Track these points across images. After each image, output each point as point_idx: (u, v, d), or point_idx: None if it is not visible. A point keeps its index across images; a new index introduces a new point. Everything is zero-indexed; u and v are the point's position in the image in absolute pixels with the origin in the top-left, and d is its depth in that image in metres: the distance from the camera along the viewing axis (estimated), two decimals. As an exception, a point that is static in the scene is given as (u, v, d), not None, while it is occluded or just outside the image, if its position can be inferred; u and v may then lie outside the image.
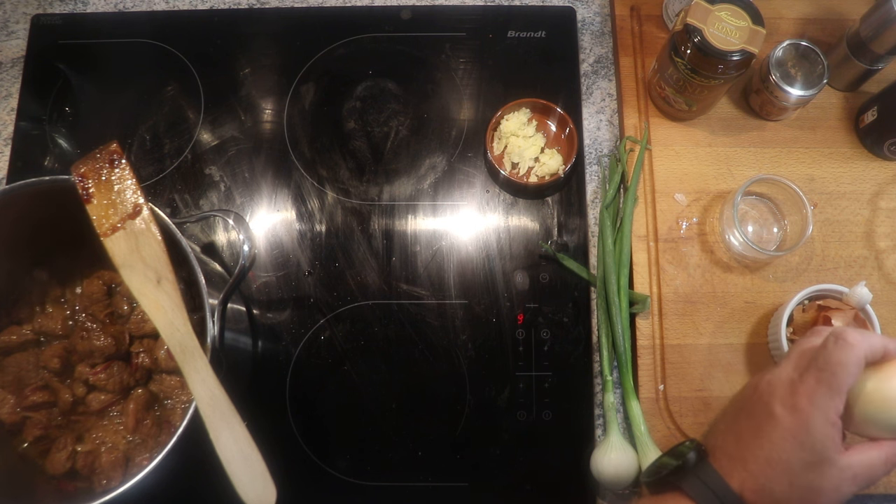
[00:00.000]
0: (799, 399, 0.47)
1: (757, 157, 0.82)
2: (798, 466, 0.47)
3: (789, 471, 0.47)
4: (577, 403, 0.77)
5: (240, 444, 0.58)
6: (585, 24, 0.91)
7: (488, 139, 0.82)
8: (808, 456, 0.46)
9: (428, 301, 0.80)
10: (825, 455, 0.46)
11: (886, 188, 0.81)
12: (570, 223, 0.82)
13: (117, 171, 0.64)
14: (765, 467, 0.47)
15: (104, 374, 0.69)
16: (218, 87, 0.88)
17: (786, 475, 0.47)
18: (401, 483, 0.75)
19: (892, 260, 0.79)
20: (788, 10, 0.88)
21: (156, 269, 0.62)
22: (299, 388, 0.77)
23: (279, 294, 0.80)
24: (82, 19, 0.91)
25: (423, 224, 0.83)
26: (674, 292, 0.78)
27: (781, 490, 0.47)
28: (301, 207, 0.83)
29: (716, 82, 0.73)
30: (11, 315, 0.72)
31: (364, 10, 0.91)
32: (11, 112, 0.87)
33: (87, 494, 0.62)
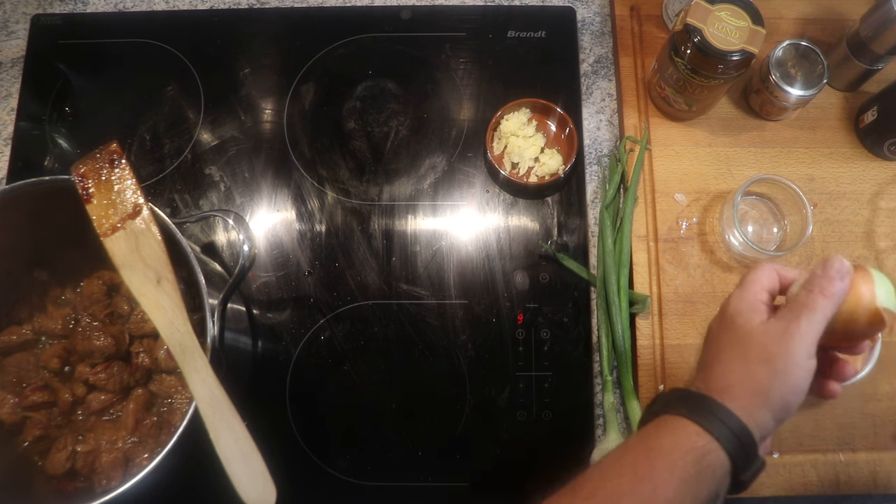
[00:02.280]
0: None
1: (757, 157, 0.82)
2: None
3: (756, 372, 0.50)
4: (577, 403, 0.77)
5: (240, 443, 0.58)
6: (585, 24, 0.91)
7: (488, 139, 0.82)
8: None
9: (428, 301, 0.80)
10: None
11: (886, 188, 0.81)
12: (570, 223, 0.82)
13: (117, 171, 0.64)
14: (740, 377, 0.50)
15: (104, 374, 0.69)
16: (218, 87, 0.88)
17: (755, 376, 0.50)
18: (401, 483, 0.75)
19: (892, 260, 0.79)
20: (788, 10, 0.88)
21: (156, 269, 0.62)
22: (299, 388, 0.77)
23: (279, 294, 0.80)
24: (82, 19, 0.91)
25: (423, 224, 0.83)
26: (674, 292, 0.78)
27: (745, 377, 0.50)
28: (301, 207, 0.83)
29: (716, 82, 0.73)
30: (11, 315, 0.72)
31: (364, 10, 0.91)
32: (11, 112, 0.87)
33: (87, 494, 0.62)
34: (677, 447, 0.47)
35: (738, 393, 0.49)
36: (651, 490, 0.46)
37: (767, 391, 0.49)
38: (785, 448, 0.73)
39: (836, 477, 0.72)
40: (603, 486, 0.47)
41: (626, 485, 0.47)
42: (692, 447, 0.47)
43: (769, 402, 0.49)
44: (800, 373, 0.49)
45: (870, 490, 0.72)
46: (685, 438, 0.47)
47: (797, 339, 0.49)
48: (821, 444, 0.73)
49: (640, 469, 0.47)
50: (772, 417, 0.49)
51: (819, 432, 0.73)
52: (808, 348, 0.49)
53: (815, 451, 0.73)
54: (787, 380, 0.49)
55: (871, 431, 0.73)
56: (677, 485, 0.45)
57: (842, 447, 0.73)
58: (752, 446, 0.48)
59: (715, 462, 0.47)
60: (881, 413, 0.74)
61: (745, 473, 0.48)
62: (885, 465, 0.72)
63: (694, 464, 0.46)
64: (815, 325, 0.49)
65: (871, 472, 0.72)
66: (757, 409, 0.48)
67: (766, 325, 0.50)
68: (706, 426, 0.47)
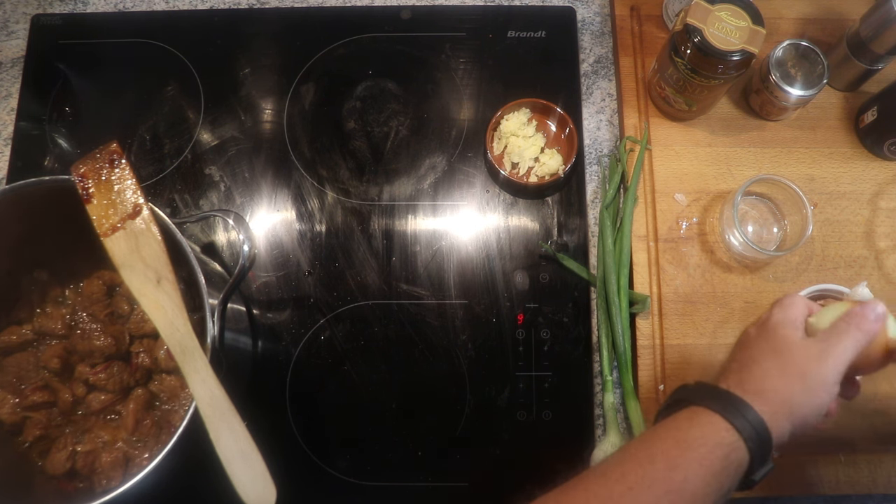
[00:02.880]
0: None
1: (757, 157, 0.82)
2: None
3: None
4: (577, 403, 0.77)
5: (240, 444, 0.58)
6: (585, 24, 0.91)
7: (488, 139, 0.82)
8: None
9: (428, 301, 0.80)
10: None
11: (886, 188, 0.81)
12: (570, 223, 0.82)
13: (117, 171, 0.64)
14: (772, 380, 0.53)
15: (104, 374, 0.69)
16: (218, 87, 0.88)
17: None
18: (401, 483, 0.75)
19: (892, 260, 0.79)
20: (788, 10, 0.87)
21: (156, 269, 0.62)
22: (299, 388, 0.77)
23: (279, 294, 0.80)
24: (82, 19, 0.91)
25: (423, 224, 0.83)
26: (674, 292, 0.78)
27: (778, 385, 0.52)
28: (301, 207, 0.83)
29: (716, 82, 0.73)
30: (11, 315, 0.72)
31: (364, 10, 0.91)
32: (11, 112, 0.87)
33: (87, 494, 0.62)
34: (708, 440, 0.49)
35: (769, 399, 0.51)
36: (682, 480, 0.47)
37: (795, 404, 0.51)
38: (785, 448, 0.73)
39: (836, 477, 0.72)
40: (634, 471, 0.49)
41: (659, 472, 0.48)
42: (721, 442, 0.49)
43: (793, 414, 0.51)
44: (824, 394, 0.52)
45: (870, 490, 0.72)
46: (715, 433, 0.49)
47: (831, 362, 0.52)
48: (821, 444, 0.73)
49: (672, 457, 0.49)
50: (790, 429, 0.51)
51: (819, 432, 0.73)
52: (838, 374, 0.52)
53: (815, 451, 0.73)
54: (813, 397, 0.51)
55: (871, 431, 0.73)
56: (705, 477, 0.47)
57: (842, 447, 0.73)
58: (769, 449, 0.50)
59: (739, 459, 0.49)
60: (881, 413, 0.73)
61: (757, 473, 0.50)
62: (885, 465, 0.72)
63: (722, 458, 0.48)
64: (848, 354, 0.52)
65: (871, 472, 0.72)
66: (782, 417, 0.51)
67: (806, 343, 0.54)
68: (736, 424, 0.49)
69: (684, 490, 0.47)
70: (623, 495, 0.47)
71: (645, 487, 0.47)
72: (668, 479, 0.47)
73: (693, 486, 0.47)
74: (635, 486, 0.47)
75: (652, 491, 0.47)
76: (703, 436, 0.49)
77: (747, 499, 0.73)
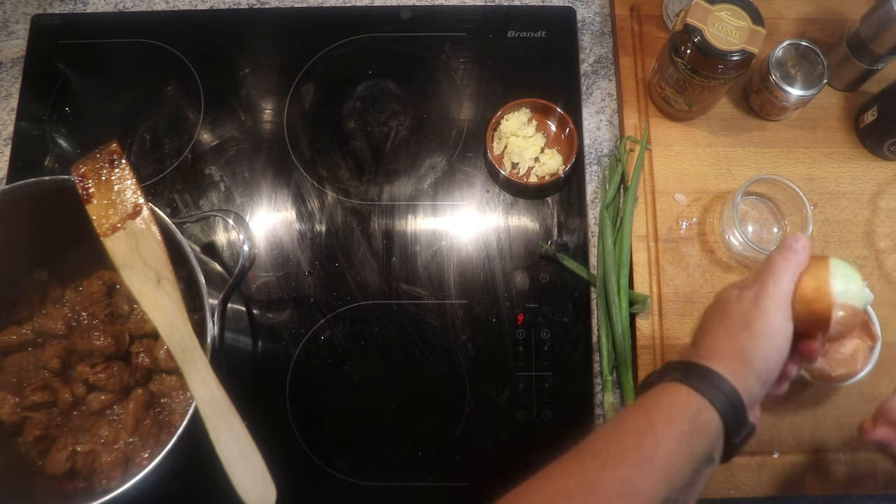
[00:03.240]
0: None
1: (757, 157, 0.82)
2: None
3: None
4: (577, 403, 0.77)
5: (240, 444, 0.58)
6: (585, 24, 0.91)
7: (488, 139, 0.82)
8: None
9: (428, 301, 0.80)
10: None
11: (886, 188, 0.81)
12: (570, 223, 0.82)
13: (117, 171, 0.64)
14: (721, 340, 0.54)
15: (104, 374, 0.69)
16: (218, 87, 0.88)
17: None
18: (401, 483, 0.75)
19: (892, 260, 0.79)
20: (788, 10, 0.88)
21: (156, 269, 0.62)
22: (299, 388, 0.77)
23: (279, 294, 0.80)
24: (82, 19, 0.91)
25: (423, 224, 0.83)
26: (674, 292, 0.78)
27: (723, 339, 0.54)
28: (301, 207, 0.83)
29: (716, 82, 0.73)
30: (11, 315, 0.72)
31: (364, 10, 0.91)
32: (11, 112, 0.87)
33: (87, 494, 0.62)
34: (673, 407, 0.50)
35: (723, 357, 0.52)
36: (652, 445, 0.48)
37: (749, 354, 0.51)
38: (785, 448, 0.73)
39: (836, 477, 0.72)
40: (607, 447, 0.49)
41: (629, 442, 0.49)
42: (685, 406, 0.49)
43: (752, 365, 0.51)
44: (777, 333, 0.52)
45: (870, 490, 0.72)
46: (678, 399, 0.50)
47: (768, 301, 0.52)
48: (821, 444, 0.73)
49: (641, 428, 0.49)
50: (757, 380, 0.51)
51: (819, 432, 0.73)
52: (781, 310, 0.52)
53: (815, 451, 0.73)
54: (766, 340, 0.52)
55: (871, 431, 0.73)
56: (676, 440, 0.48)
57: (842, 447, 0.73)
58: (742, 409, 0.50)
59: (708, 420, 0.49)
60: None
61: (737, 436, 0.50)
62: (884, 465, 0.72)
63: (689, 421, 0.49)
64: (782, 287, 0.52)
65: (871, 472, 0.72)
66: (742, 372, 0.51)
67: (740, 294, 0.54)
68: (697, 387, 0.50)
69: (656, 456, 0.47)
70: (598, 472, 0.48)
71: (618, 461, 0.48)
72: (638, 447, 0.48)
73: (665, 450, 0.47)
74: (609, 461, 0.48)
75: (626, 463, 0.47)
76: (669, 403, 0.50)
77: (747, 499, 0.73)
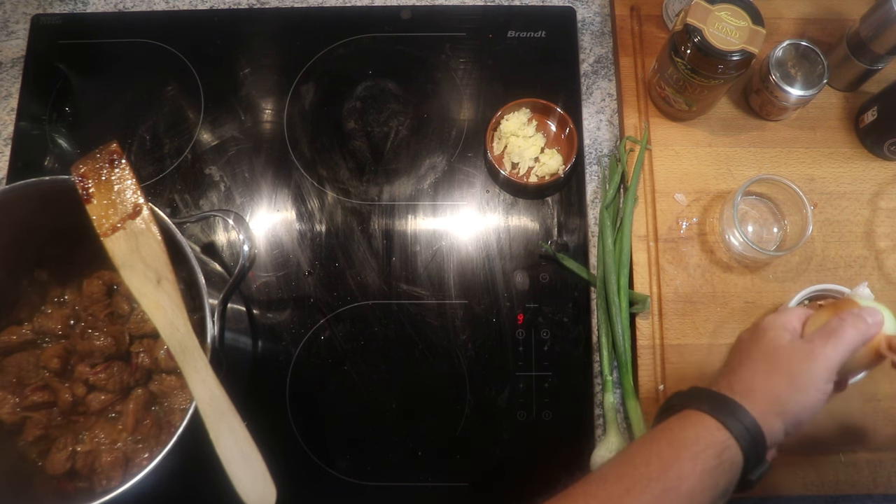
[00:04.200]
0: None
1: (757, 157, 0.82)
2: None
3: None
4: (577, 403, 0.77)
5: (240, 444, 0.58)
6: (585, 24, 0.91)
7: (488, 139, 0.82)
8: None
9: (428, 301, 0.80)
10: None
11: (886, 188, 0.81)
12: (570, 223, 0.82)
13: (117, 171, 0.64)
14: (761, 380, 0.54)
15: (104, 374, 0.69)
16: (218, 87, 0.88)
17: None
18: (401, 483, 0.75)
19: (892, 260, 0.79)
20: (788, 10, 0.87)
21: (156, 269, 0.62)
22: (299, 388, 0.77)
23: (279, 294, 0.80)
24: (82, 19, 0.91)
25: (423, 224, 0.83)
26: (674, 292, 0.78)
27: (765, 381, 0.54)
28: (301, 207, 0.83)
29: (716, 82, 0.73)
30: (11, 315, 0.72)
31: (364, 10, 0.91)
32: (11, 112, 0.87)
33: (87, 494, 0.62)
34: (700, 440, 0.50)
35: (757, 398, 0.52)
36: (677, 477, 0.48)
37: (784, 402, 0.52)
38: (785, 448, 0.73)
39: (836, 477, 0.72)
40: (631, 473, 0.50)
41: (654, 472, 0.49)
42: (713, 441, 0.50)
43: (783, 413, 0.52)
44: (816, 393, 0.52)
45: (870, 490, 0.72)
46: (706, 433, 0.50)
47: (820, 361, 0.52)
48: (821, 444, 0.73)
49: (666, 458, 0.50)
50: (783, 428, 0.52)
51: (819, 432, 0.73)
52: (829, 372, 0.52)
53: (815, 452, 0.73)
54: (803, 396, 0.52)
55: (871, 431, 0.73)
56: (700, 474, 0.48)
57: (842, 447, 0.73)
58: (763, 448, 0.51)
59: (732, 458, 0.50)
60: (881, 413, 0.73)
61: (754, 473, 0.51)
62: (885, 465, 0.72)
63: (715, 457, 0.49)
64: (839, 353, 0.52)
65: (871, 472, 0.72)
66: (772, 416, 0.51)
67: (794, 343, 0.54)
68: (726, 423, 0.50)
69: (680, 487, 0.48)
70: (622, 497, 0.48)
71: (642, 488, 0.48)
72: (663, 477, 0.48)
73: (688, 483, 0.48)
74: (633, 487, 0.48)
75: (649, 490, 0.48)
76: (696, 435, 0.51)
77: (747, 499, 0.73)
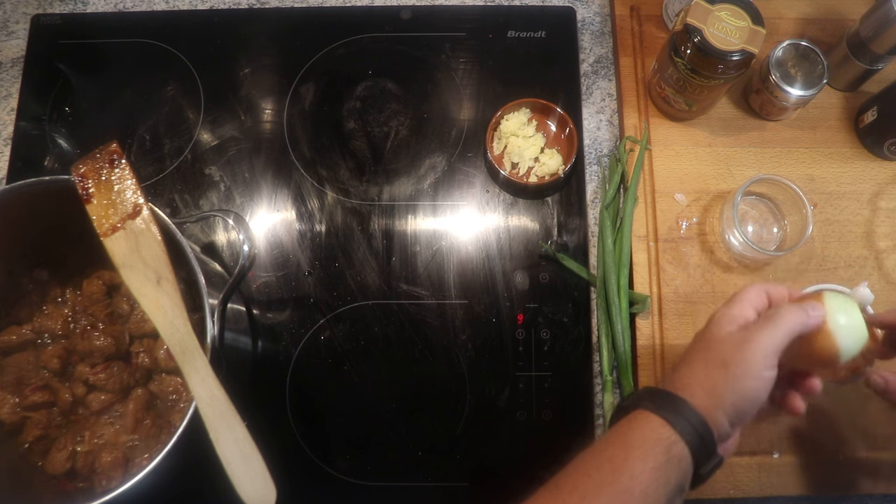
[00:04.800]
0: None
1: (757, 157, 0.82)
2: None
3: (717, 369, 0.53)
4: (577, 403, 0.77)
5: (240, 444, 0.58)
6: (585, 24, 0.91)
7: (488, 139, 0.82)
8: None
9: (428, 301, 0.80)
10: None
11: (886, 188, 0.81)
12: (570, 223, 0.82)
13: (117, 171, 0.64)
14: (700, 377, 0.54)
15: (104, 374, 0.69)
16: (218, 87, 0.88)
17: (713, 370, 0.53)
18: (401, 483, 0.75)
19: (892, 260, 0.79)
20: (788, 10, 0.88)
21: (156, 269, 0.62)
22: (299, 388, 0.77)
23: (279, 294, 0.80)
24: (82, 19, 0.91)
25: (423, 224, 0.83)
26: (674, 292, 0.78)
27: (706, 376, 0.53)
28: (301, 207, 0.83)
29: (716, 82, 0.73)
30: (11, 315, 0.72)
31: (364, 10, 0.91)
32: (11, 112, 0.87)
33: (87, 494, 0.62)
34: (647, 439, 0.51)
35: (696, 392, 0.52)
36: (629, 478, 0.49)
37: (721, 394, 0.51)
38: (785, 448, 0.73)
39: (836, 477, 0.72)
40: (584, 481, 0.50)
41: (606, 476, 0.50)
42: (659, 438, 0.50)
43: (723, 405, 0.51)
44: (753, 381, 0.51)
45: (870, 490, 0.72)
46: (652, 431, 0.51)
47: (754, 349, 0.51)
48: (821, 444, 0.73)
49: (617, 461, 0.50)
50: (726, 419, 0.51)
51: (819, 432, 0.73)
52: (766, 359, 0.51)
53: (815, 452, 0.73)
54: (740, 384, 0.51)
55: (872, 431, 0.73)
56: (651, 472, 0.49)
57: (841, 447, 0.73)
58: (711, 442, 0.51)
59: (680, 453, 0.50)
60: (881, 413, 0.73)
61: (704, 467, 0.51)
62: (885, 465, 0.72)
63: (663, 453, 0.50)
64: (775, 340, 0.51)
65: (870, 472, 0.72)
66: (712, 408, 0.51)
67: (730, 335, 0.54)
68: (670, 419, 0.51)
69: (633, 488, 0.48)
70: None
71: (595, 494, 0.49)
72: (615, 481, 0.49)
73: (641, 482, 0.48)
74: (587, 494, 0.49)
75: (603, 495, 0.49)
76: (643, 436, 0.51)
77: (747, 499, 0.73)
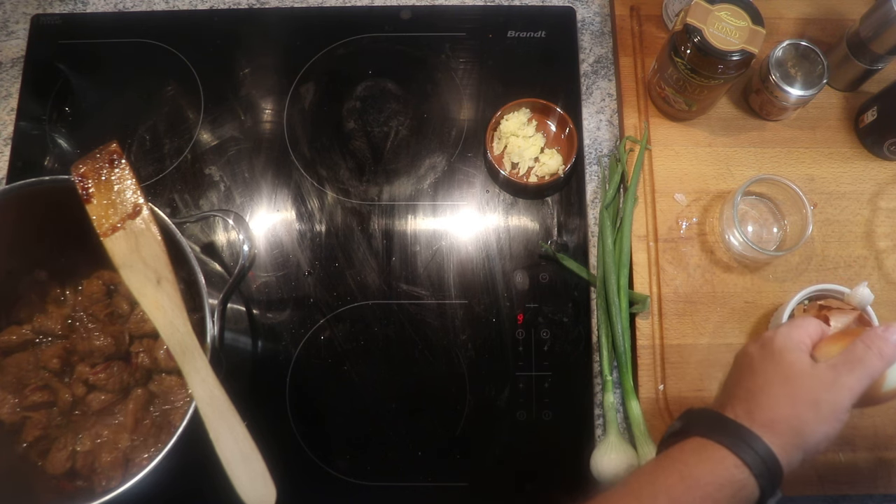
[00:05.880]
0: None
1: (757, 157, 0.82)
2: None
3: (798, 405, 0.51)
4: (577, 403, 0.77)
5: (240, 444, 0.58)
6: (585, 24, 0.91)
7: (488, 139, 0.82)
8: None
9: (428, 301, 0.80)
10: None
11: (886, 188, 0.81)
12: (569, 223, 0.82)
13: (117, 171, 0.64)
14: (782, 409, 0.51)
15: (104, 374, 0.69)
16: (218, 87, 0.88)
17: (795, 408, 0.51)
18: (401, 483, 0.75)
19: (892, 260, 0.79)
20: (788, 10, 0.87)
21: (156, 269, 0.62)
22: (299, 388, 0.77)
23: (279, 294, 0.80)
24: (82, 19, 0.91)
25: (423, 224, 0.83)
26: (674, 292, 0.78)
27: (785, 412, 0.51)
28: (301, 207, 0.83)
29: (716, 82, 0.73)
30: (11, 315, 0.72)
31: (364, 10, 0.91)
32: (11, 112, 0.87)
33: (87, 494, 0.62)
34: (715, 478, 0.48)
35: (781, 430, 0.49)
36: None
37: (807, 433, 0.49)
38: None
39: (836, 477, 0.72)
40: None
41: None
42: (731, 480, 0.47)
43: (805, 444, 0.49)
44: (836, 424, 0.50)
45: (870, 490, 0.72)
46: (723, 470, 0.48)
47: (846, 391, 0.50)
48: (821, 444, 0.73)
49: (676, 495, 0.47)
50: (802, 456, 0.50)
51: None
52: (852, 401, 0.50)
53: (815, 451, 0.73)
54: (827, 427, 0.50)
55: (871, 431, 0.73)
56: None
57: (842, 447, 0.73)
58: (779, 480, 0.49)
59: (748, 496, 0.48)
60: (881, 413, 0.73)
61: (766, 503, 0.49)
62: (885, 465, 0.72)
63: (730, 498, 0.47)
64: (863, 382, 0.50)
65: (871, 472, 0.72)
66: (793, 448, 0.49)
67: (817, 370, 0.51)
68: (746, 460, 0.48)
69: None
70: None
71: None
72: None
73: None
74: None
75: None
76: (712, 472, 0.48)
77: (747, 499, 0.73)
